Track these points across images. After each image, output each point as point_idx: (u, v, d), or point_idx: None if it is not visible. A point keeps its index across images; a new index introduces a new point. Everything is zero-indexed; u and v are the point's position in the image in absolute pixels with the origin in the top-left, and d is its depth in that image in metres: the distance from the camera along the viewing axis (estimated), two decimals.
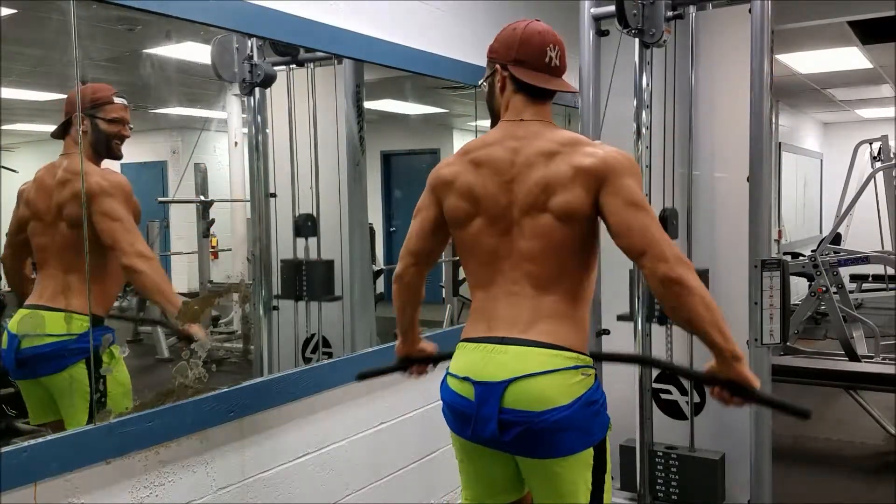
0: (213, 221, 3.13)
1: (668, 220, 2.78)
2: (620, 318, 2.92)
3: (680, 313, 1.60)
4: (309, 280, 2.86)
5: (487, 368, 1.67)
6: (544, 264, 1.70)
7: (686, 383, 2.84)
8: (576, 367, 1.65)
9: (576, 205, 1.65)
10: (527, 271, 1.71)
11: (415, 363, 2.00)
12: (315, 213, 2.89)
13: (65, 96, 2.00)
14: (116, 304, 3.43)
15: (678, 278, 1.55)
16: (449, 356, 1.84)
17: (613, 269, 2.98)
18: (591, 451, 1.67)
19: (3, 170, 2.10)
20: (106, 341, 1.97)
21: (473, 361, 1.71)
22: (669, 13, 2.63)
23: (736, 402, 1.68)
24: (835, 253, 6.05)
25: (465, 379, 1.70)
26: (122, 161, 2.23)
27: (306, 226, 2.85)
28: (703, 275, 2.76)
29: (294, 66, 2.78)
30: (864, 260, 6.12)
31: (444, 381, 1.80)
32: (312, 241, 2.86)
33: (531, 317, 1.69)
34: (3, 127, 1.98)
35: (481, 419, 1.66)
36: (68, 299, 1.96)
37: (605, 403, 1.72)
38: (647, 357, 2.62)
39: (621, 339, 2.95)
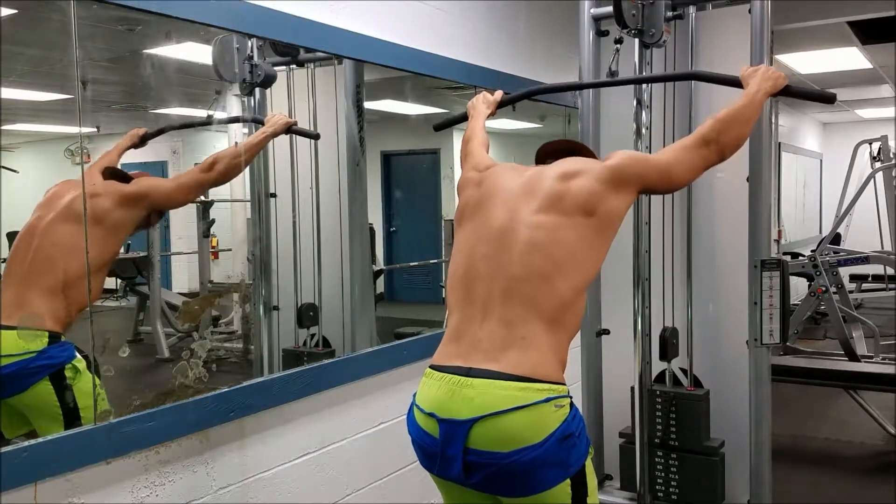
0: (213, 221, 3.13)
1: (668, 340, 2.78)
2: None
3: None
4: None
5: (453, 404, 1.59)
6: (532, 264, 1.66)
7: (685, 380, 2.84)
8: (547, 400, 1.56)
9: (593, 195, 1.71)
10: (509, 280, 1.66)
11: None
12: (315, 214, 2.89)
13: (65, 96, 2.00)
14: (115, 303, 3.44)
15: (712, 160, 1.86)
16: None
17: (614, 269, 2.98)
18: (567, 482, 1.58)
19: (3, 170, 2.10)
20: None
21: (439, 395, 1.62)
22: (669, 13, 2.63)
23: None
24: (834, 253, 6.05)
25: (431, 415, 1.62)
26: (123, 161, 2.24)
27: (308, 315, 2.83)
28: (705, 397, 2.78)
29: (294, 66, 2.78)
30: (864, 260, 6.13)
31: (410, 412, 1.73)
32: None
33: (504, 340, 1.62)
34: (3, 127, 1.98)
35: (446, 459, 1.60)
36: (26, 315, 1.93)
37: (584, 430, 1.64)
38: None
39: (622, 338, 2.96)
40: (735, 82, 2.06)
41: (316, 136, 2.71)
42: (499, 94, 2.31)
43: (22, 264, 1.98)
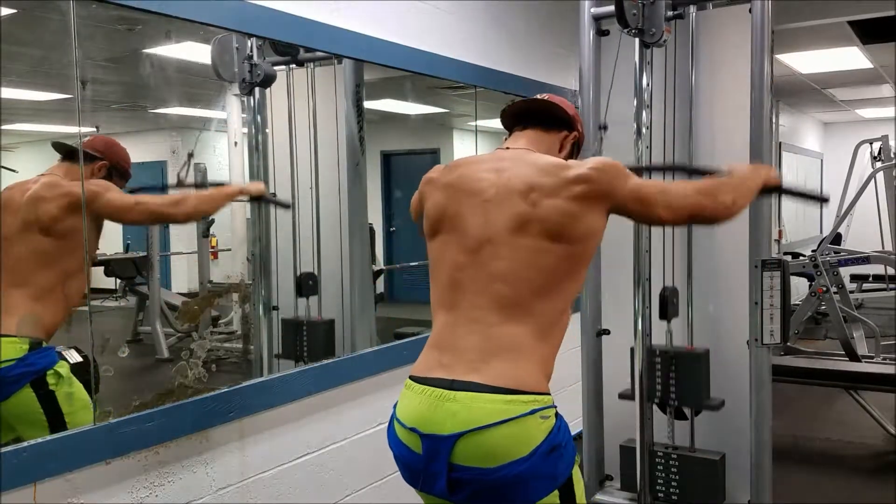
0: (212, 221, 3.13)
1: (668, 299, 2.78)
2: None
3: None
4: (310, 340, 2.84)
5: (435, 419, 1.53)
6: (516, 285, 1.59)
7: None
8: (532, 412, 1.51)
9: (565, 217, 1.59)
10: (495, 294, 1.59)
11: None
12: (315, 214, 2.89)
13: (65, 96, 2.00)
14: (115, 303, 3.44)
15: (695, 215, 1.72)
16: None
17: (614, 269, 2.98)
18: (555, 493, 1.53)
19: (3, 170, 2.10)
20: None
21: (421, 410, 1.57)
22: (669, 13, 2.63)
23: None
24: (835, 253, 6.04)
25: (413, 430, 1.57)
26: None
27: (307, 285, 2.84)
28: (705, 356, 2.77)
29: (294, 66, 2.78)
30: (865, 260, 6.12)
31: (390, 426, 1.67)
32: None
33: (488, 351, 1.56)
34: (3, 127, 1.98)
35: (430, 475, 1.55)
36: (6, 322, 1.90)
37: (570, 440, 1.58)
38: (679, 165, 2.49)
39: (622, 338, 2.95)
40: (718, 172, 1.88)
41: (287, 206, 2.67)
42: None
43: (15, 266, 1.95)
